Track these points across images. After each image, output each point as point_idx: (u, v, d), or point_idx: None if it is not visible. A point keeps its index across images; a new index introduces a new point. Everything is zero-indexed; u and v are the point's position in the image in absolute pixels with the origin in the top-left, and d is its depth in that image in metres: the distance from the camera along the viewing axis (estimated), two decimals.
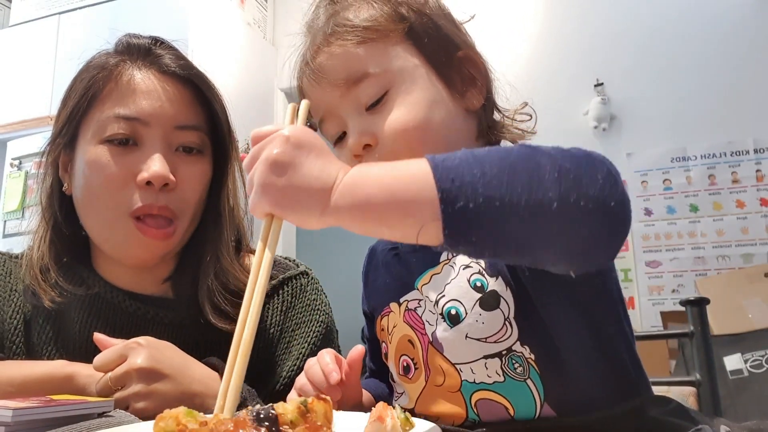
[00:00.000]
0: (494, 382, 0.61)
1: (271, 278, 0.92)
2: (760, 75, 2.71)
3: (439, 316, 0.65)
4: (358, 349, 0.69)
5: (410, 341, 0.69)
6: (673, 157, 2.82)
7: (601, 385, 0.61)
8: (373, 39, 0.69)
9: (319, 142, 0.54)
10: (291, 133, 0.52)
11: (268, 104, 3.47)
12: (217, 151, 0.90)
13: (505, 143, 0.77)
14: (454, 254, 0.67)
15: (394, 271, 0.75)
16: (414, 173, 0.48)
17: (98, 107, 0.83)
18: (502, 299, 0.62)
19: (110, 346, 0.73)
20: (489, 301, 0.62)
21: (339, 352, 0.94)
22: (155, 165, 0.81)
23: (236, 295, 0.87)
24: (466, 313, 0.63)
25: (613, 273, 0.65)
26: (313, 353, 0.88)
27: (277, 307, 0.90)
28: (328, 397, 0.45)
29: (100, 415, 0.62)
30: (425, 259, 0.69)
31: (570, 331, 0.61)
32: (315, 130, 0.72)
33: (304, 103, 0.62)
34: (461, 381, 0.63)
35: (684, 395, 1.25)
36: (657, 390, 0.71)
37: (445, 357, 0.64)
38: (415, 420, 0.47)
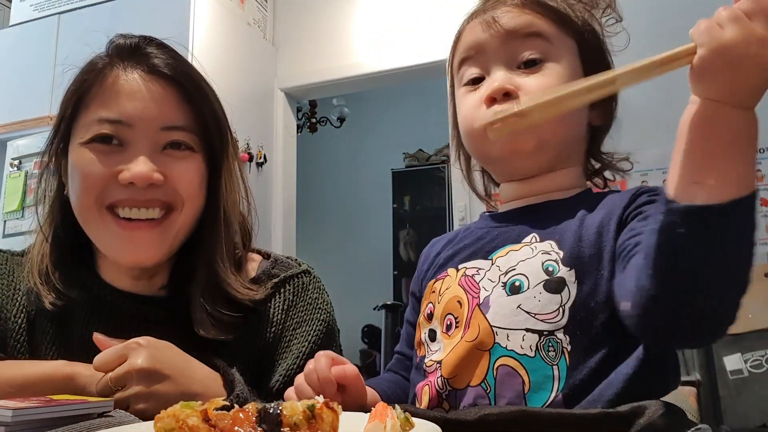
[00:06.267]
0: (524, 354, 0.64)
1: (273, 276, 0.92)
2: None
3: (500, 285, 0.69)
4: (353, 371, 0.69)
5: (459, 301, 0.72)
6: None
7: (619, 402, 0.62)
8: (555, 22, 0.76)
9: None
10: None
11: (268, 104, 3.47)
12: (211, 151, 0.88)
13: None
14: (539, 240, 0.72)
15: (476, 239, 0.79)
16: None
17: (84, 111, 0.83)
18: (566, 287, 0.65)
19: (109, 346, 0.73)
20: (553, 285, 0.66)
21: (340, 351, 0.93)
22: (138, 166, 0.79)
23: (230, 303, 0.85)
24: (528, 288, 0.67)
25: None
26: (314, 352, 0.88)
27: (278, 306, 0.90)
28: (337, 406, 0.45)
29: (100, 415, 0.62)
30: (511, 236, 0.75)
31: (613, 344, 0.63)
32: None
33: None
34: (494, 343, 0.66)
35: (684, 395, 1.25)
36: None
37: (486, 318, 0.68)
38: (415, 420, 0.47)
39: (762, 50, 0.46)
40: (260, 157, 3.26)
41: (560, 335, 0.64)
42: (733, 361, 2.04)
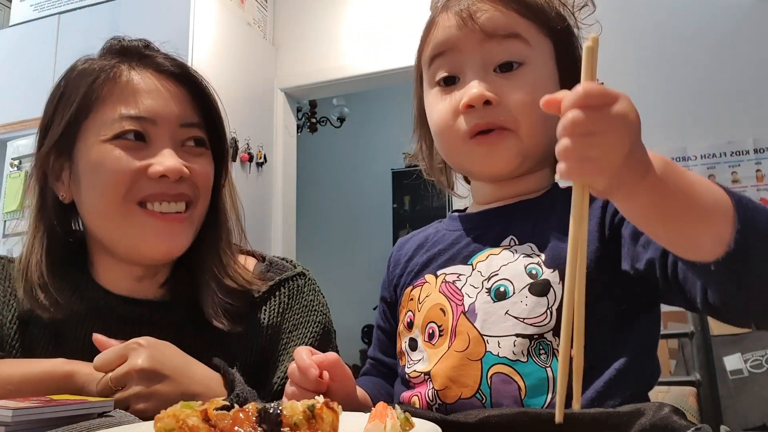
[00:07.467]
0: (516, 360, 0.64)
1: (268, 279, 0.92)
2: (760, 75, 2.71)
3: (485, 291, 0.68)
4: (332, 355, 0.68)
5: (442, 309, 0.71)
6: (673, 157, 2.81)
7: (614, 397, 0.63)
8: (534, 22, 0.73)
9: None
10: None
11: (268, 104, 3.47)
12: (215, 149, 0.90)
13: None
14: (518, 242, 0.70)
15: (451, 243, 0.77)
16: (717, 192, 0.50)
17: (98, 110, 0.82)
18: (551, 289, 0.65)
19: (109, 346, 0.73)
20: (538, 287, 0.65)
21: (337, 353, 0.94)
22: (168, 160, 0.81)
23: (236, 294, 0.86)
24: (514, 293, 0.66)
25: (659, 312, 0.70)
26: None
27: (274, 309, 0.90)
28: (337, 406, 0.45)
29: (100, 415, 0.62)
30: (488, 239, 0.73)
31: (604, 343, 0.63)
32: None
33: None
34: (485, 352, 0.65)
35: (684, 395, 1.25)
36: (657, 390, 0.72)
37: (474, 327, 0.67)
38: (415, 420, 0.47)
39: (627, 137, 0.46)
40: (260, 157, 3.26)
41: (550, 337, 0.64)
42: (733, 361, 2.04)
